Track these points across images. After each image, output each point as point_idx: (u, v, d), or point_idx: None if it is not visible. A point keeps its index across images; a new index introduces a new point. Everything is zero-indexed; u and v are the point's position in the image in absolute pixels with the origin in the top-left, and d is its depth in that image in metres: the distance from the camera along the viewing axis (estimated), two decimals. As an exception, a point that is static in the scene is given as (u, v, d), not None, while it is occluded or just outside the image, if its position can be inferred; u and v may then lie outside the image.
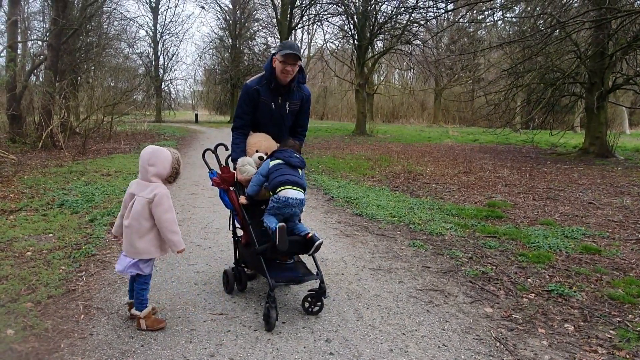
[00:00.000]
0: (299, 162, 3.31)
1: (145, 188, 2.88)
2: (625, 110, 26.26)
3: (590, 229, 5.64)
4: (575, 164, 12.04)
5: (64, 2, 14.17)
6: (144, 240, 2.89)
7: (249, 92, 3.50)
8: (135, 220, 2.86)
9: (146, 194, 2.86)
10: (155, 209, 2.84)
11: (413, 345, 2.86)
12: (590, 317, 3.27)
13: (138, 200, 2.87)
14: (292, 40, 3.43)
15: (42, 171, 8.87)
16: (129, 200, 2.94)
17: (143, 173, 2.91)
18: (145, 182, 2.91)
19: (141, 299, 2.97)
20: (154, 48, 36.26)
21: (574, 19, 12.04)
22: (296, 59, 3.33)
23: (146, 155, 2.91)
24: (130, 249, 2.90)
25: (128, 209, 2.92)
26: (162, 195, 2.86)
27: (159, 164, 2.91)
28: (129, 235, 2.90)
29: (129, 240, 2.90)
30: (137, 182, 2.97)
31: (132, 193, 2.93)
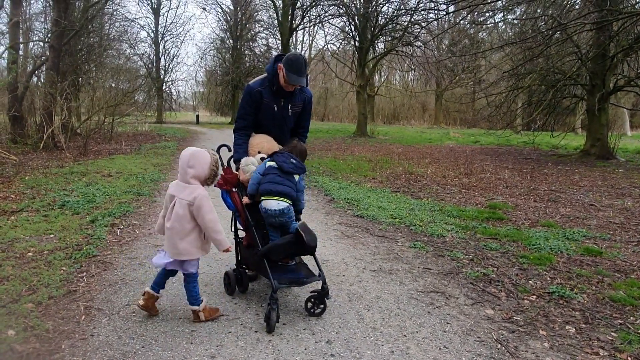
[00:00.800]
0: (292, 168, 3.30)
1: (184, 190, 2.91)
2: (626, 112, 26.27)
3: (591, 230, 5.63)
4: (577, 166, 12.04)
5: (65, 3, 14.18)
6: (185, 242, 2.92)
7: (251, 93, 3.50)
8: (177, 222, 2.90)
9: (186, 196, 2.89)
10: (198, 211, 2.89)
11: (414, 347, 2.86)
12: (591, 319, 3.26)
13: (179, 203, 2.90)
14: (299, 54, 3.36)
15: (43, 172, 8.88)
16: (169, 201, 2.98)
17: (182, 174, 2.93)
18: (185, 183, 2.93)
19: (194, 295, 3.04)
20: (155, 49, 36.34)
21: (575, 21, 12.04)
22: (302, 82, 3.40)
23: (186, 157, 2.93)
24: (173, 250, 2.94)
25: (169, 210, 2.95)
26: (202, 197, 2.90)
27: (198, 165, 2.93)
28: (170, 236, 2.94)
29: (171, 241, 2.94)
30: (176, 183, 3.00)
31: (172, 194, 2.96)
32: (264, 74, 3.58)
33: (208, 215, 2.91)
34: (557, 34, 12.85)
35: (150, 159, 11.62)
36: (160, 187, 8.02)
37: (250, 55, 36.45)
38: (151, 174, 9.12)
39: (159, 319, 3.12)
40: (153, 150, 13.81)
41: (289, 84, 3.37)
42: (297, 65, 3.30)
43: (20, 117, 13.52)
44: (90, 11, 18.83)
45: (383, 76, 40.14)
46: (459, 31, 22.52)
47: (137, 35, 44.46)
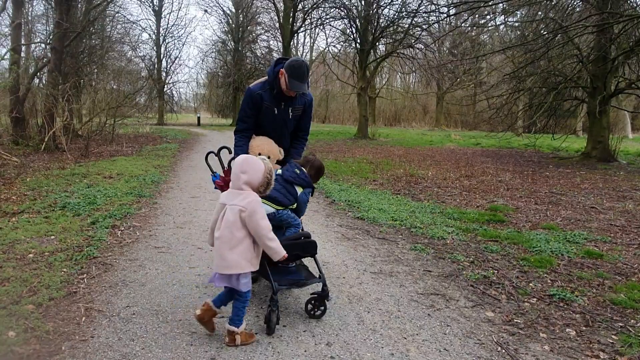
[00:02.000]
0: (293, 177, 3.36)
1: (236, 196, 2.78)
2: (627, 114, 26.23)
3: (592, 233, 5.62)
4: (578, 168, 12.03)
5: (67, 5, 14.23)
6: (234, 252, 2.74)
7: (252, 96, 3.51)
8: (227, 230, 2.74)
9: (238, 202, 2.75)
10: (250, 218, 2.72)
11: (414, 349, 2.85)
12: (592, 322, 3.26)
13: (230, 209, 2.76)
14: (301, 61, 3.34)
15: (44, 173, 8.90)
16: (220, 210, 2.84)
17: (235, 181, 2.81)
18: (237, 190, 2.81)
19: (239, 316, 2.85)
20: (157, 51, 36.40)
21: (576, 24, 12.05)
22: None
23: (239, 163, 2.83)
24: (221, 263, 2.75)
25: (219, 219, 2.82)
26: (255, 202, 2.76)
27: (252, 171, 2.80)
28: (219, 247, 2.77)
29: (220, 253, 2.77)
30: (228, 192, 2.86)
31: (222, 203, 2.83)
32: (264, 77, 3.59)
33: (262, 221, 2.75)
34: (558, 36, 12.86)
35: (151, 161, 11.63)
36: (161, 188, 8.04)
37: (252, 57, 36.52)
38: (152, 175, 9.14)
39: (159, 320, 3.12)
40: (154, 152, 13.83)
41: (291, 90, 3.39)
42: (299, 72, 3.30)
43: (21, 119, 13.56)
44: (92, 13, 18.89)
45: (384, 78, 40.13)
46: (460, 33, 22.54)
47: (138, 37, 44.63)
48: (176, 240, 5.04)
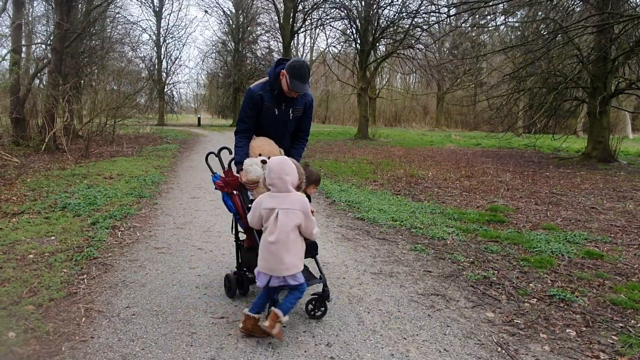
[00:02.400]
0: None
1: (285, 199, 2.81)
2: (628, 114, 26.23)
3: (592, 233, 5.62)
4: (578, 169, 12.02)
5: (68, 6, 14.25)
6: (291, 254, 2.80)
7: (252, 97, 3.51)
8: (284, 234, 2.77)
9: (292, 205, 2.79)
10: (306, 217, 2.83)
11: (414, 350, 2.85)
12: (592, 323, 3.25)
13: (284, 213, 2.78)
14: (302, 62, 3.33)
15: (44, 174, 8.90)
16: (269, 215, 2.82)
17: (279, 184, 2.82)
18: (284, 192, 2.82)
19: (290, 307, 2.90)
20: (157, 52, 36.41)
21: (576, 24, 12.05)
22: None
23: (278, 166, 2.83)
24: (279, 266, 2.78)
25: (271, 224, 2.80)
26: (306, 202, 2.86)
27: (292, 172, 2.85)
28: (277, 251, 2.78)
29: (278, 256, 2.78)
30: (269, 196, 2.86)
31: (271, 207, 2.81)
32: (265, 78, 3.59)
33: (313, 218, 2.87)
34: (559, 37, 12.86)
35: (151, 162, 11.64)
36: (161, 189, 8.04)
37: (252, 58, 36.53)
38: (152, 176, 9.14)
39: (159, 320, 3.12)
40: (154, 153, 13.83)
41: (292, 91, 3.39)
42: (300, 73, 3.30)
43: (22, 119, 13.58)
44: (92, 14, 18.90)
45: (384, 79, 40.14)
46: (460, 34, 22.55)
47: (139, 38, 44.66)
48: (176, 240, 5.04)
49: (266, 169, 2.92)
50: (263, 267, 2.86)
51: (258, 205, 2.89)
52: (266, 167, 2.96)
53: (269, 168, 2.89)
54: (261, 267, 2.87)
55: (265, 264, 2.84)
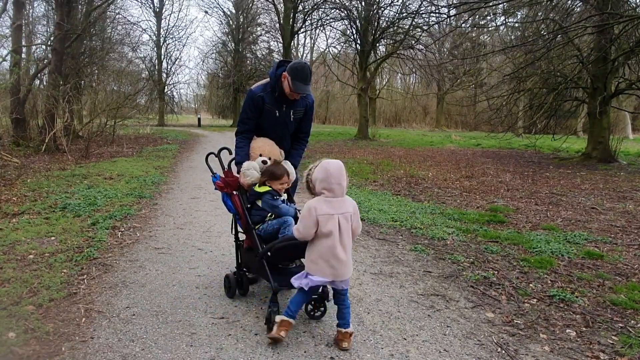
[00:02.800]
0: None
1: (342, 204, 2.79)
2: (628, 115, 26.23)
3: (592, 234, 5.62)
4: (578, 169, 12.02)
5: (68, 6, 14.26)
6: (349, 258, 2.82)
7: (253, 98, 3.50)
8: (348, 239, 2.79)
9: (348, 209, 2.79)
10: (358, 221, 2.86)
11: (414, 350, 2.85)
12: (592, 323, 3.25)
13: (344, 219, 2.77)
14: (304, 63, 3.40)
15: (45, 174, 8.91)
16: (325, 221, 2.72)
17: (338, 190, 2.77)
18: (339, 197, 2.79)
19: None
20: (157, 52, 36.45)
21: (576, 24, 12.05)
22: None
23: (338, 172, 2.78)
24: (345, 270, 2.78)
25: (333, 231, 2.72)
26: (356, 204, 2.88)
27: (345, 176, 2.85)
28: (343, 257, 2.77)
29: (344, 262, 2.77)
30: (323, 202, 2.76)
31: (329, 214, 2.73)
32: (266, 79, 3.58)
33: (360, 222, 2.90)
34: (559, 37, 12.86)
35: (151, 162, 11.64)
36: (161, 189, 8.04)
37: (252, 58, 36.58)
38: (152, 176, 9.14)
39: (159, 321, 3.13)
40: (154, 153, 13.84)
41: (295, 92, 3.37)
42: (302, 74, 3.29)
43: (22, 120, 13.59)
44: (92, 14, 18.90)
45: (384, 79, 40.16)
46: (460, 34, 22.56)
47: (139, 39, 44.43)
48: (176, 241, 5.04)
49: (321, 174, 2.78)
50: (327, 274, 2.76)
51: (312, 212, 2.73)
52: (318, 173, 2.81)
53: (328, 173, 2.76)
54: (329, 275, 2.77)
55: (332, 270, 2.75)
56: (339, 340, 2.86)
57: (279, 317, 2.83)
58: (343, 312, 2.89)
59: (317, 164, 2.86)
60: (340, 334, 2.86)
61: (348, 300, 2.92)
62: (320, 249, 2.77)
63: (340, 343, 2.84)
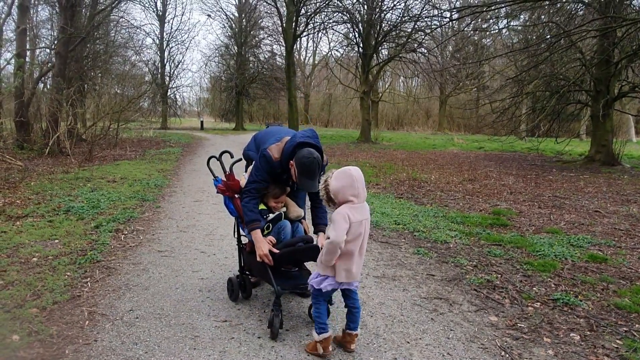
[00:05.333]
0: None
1: (365, 209, 2.79)
2: (631, 118, 26.15)
3: (596, 237, 5.60)
4: (581, 172, 11.99)
5: (72, 10, 14.34)
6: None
7: (271, 164, 3.24)
8: (366, 242, 2.83)
9: (368, 214, 2.81)
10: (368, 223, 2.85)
11: (417, 353, 2.85)
12: (596, 327, 3.24)
13: (369, 222, 2.81)
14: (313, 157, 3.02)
15: (48, 177, 8.94)
16: (357, 227, 2.71)
17: (363, 194, 2.76)
18: (362, 203, 2.79)
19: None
20: (160, 56, 36.59)
21: (579, 28, 12.05)
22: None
23: (361, 177, 2.77)
24: (359, 270, 2.82)
25: (358, 235, 2.73)
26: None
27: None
28: (362, 258, 2.82)
29: (359, 264, 2.80)
30: (352, 208, 2.72)
31: (360, 220, 2.72)
32: (282, 142, 3.27)
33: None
34: (561, 40, 12.86)
35: (154, 165, 11.67)
36: (164, 192, 8.06)
37: (255, 62, 36.67)
38: (155, 179, 9.17)
39: (162, 324, 3.13)
40: (157, 156, 13.87)
41: (300, 187, 3.25)
42: (309, 170, 3.04)
43: (26, 123, 13.65)
44: (96, 18, 19.01)
45: (387, 82, 40.22)
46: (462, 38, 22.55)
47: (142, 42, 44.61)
48: (179, 244, 5.05)
49: (345, 181, 2.73)
50: (346, 277, 2.75)
51: (345, 219, 2.67)
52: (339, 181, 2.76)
53: (353, 179, 2.72)
54: (343, 278, 2.74)
55: (347, 274, 2.75)
56: (348, 342, 2.85)
57: (318, 338, 2.76)
58: (355, 315, 2.87)
59: (330, 174, 2.80)
60: (349, 337, 2.86)
61: (359, 302, 2.91)
62: (345, 254, 2.73)
63: (348, 345, 2.85)
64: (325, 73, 39.78)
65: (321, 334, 2.76)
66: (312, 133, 3.25)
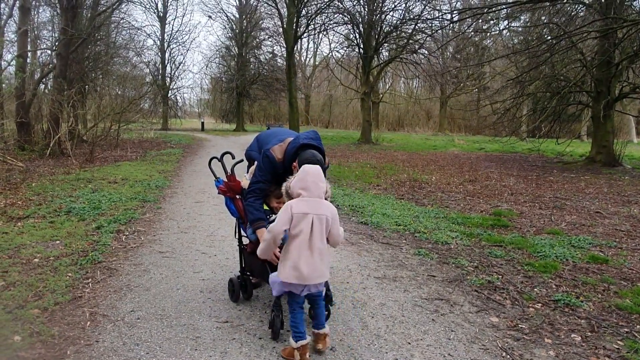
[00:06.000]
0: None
1: (319, 205, 2.75)
2: (632, 119, 26.13)
3: (597, 238, 5.60)
4: (582, 173, 11.98)
5: (73, 12, 14.37)
6: (324, 262, 2.76)
7: (274, 164, 3.28)
8: (320, 241, 2.73)
9: (325, 212, 2.75)
10: (335, 225, 2.80)
11: (418, 354, 2.85)
12: (597, 328, 3.24)
13: (319, 220, 2.72)
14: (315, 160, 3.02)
15: (49, 178, 8.95)
16: (298, 220, 2.70)
17: (315, 189, 2.75)
18: (318, 198, 2.77)
19: (324, 314, 2.90)
20: (161, 57, 36.60)
21: (579, 29, 12.06)
22: None
23: (317, 171, 2.80)
24: (314, 274, 2.70)
25: (305, 231, 2.70)
26: (335, 210, 2.84)
27: (325, 182, 2.85)
28: (314, 260, 2.70)
29: (314, 264, 2.70)
30: (300, 201, 2.74)
31: (305, 212, 2.70)
32: (284, 144, 3.32)
33: (340, 227, 2.85)
34: (562, 41, 12.86)
35: (155, 166, 11.68)
36: (165, 193, 8.07)
37: (255, 63, 36.66)
38: (156, 180, 9.17)
39: (163, 324, 3.13)
40: (158, 157, 13.88)
41: None
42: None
43: (27, 124, 13.67)
44: (97, 20, 19.05)
45: (387, 83, 40.22)
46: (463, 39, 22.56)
47: (143, 43, 44.68)
48: (180, 245, 5.05)
49: (298, 176, 2.80)
50: (296, 278, 2.69)
51: (288, 209, 2.72)
52: (296, 178, 2.82)
53: (305, 171, 2.80)
54: (292, 277, 2.69)
55: (296, 273, 2.68)
56: (314, 342, 2.84)
57: (295, 345, 2.72)
58: (317, 313, 2.87)
59: (295, 175, 2.87)
60: (316, 336, 2.84)
61: (323, 302, 2.89)
62: (289, 250, 2.74)
63: (315, 344, 2.83)
64: (325, 74, 39.79)
65: (298, 341, 2.71)
66: (315, 135, 3.27)
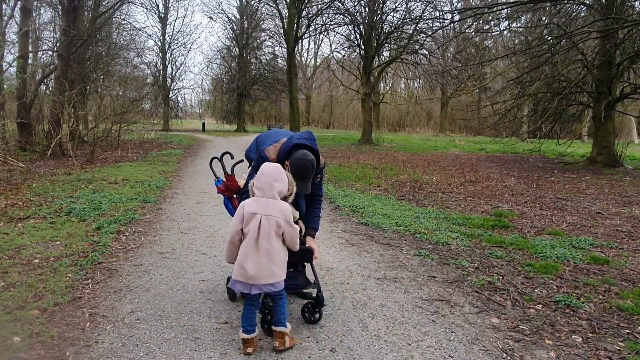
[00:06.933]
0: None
1: (270, 205, 2.73)
2: (633, 119, 26.08)
3: (598, 239, 5.58)
4: (583, 174, 11.96)
5: (74, 13, 14.40)
6: (273, 262, 2.73)
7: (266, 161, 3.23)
8: (266, 241, 2.71)
9: (274, 212, 2.72)
10: (288, 226, 2.77)
11: (418, 355, 2.84)
12: (598, 329, 3.23)
13: (266, 220, 2.71)
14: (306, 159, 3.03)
15: (50, 179, 8.95)
16: (248, 219, 2.73)
17: (268, 189, 2.76)
18: (269, 199, 2.76)
19: (284, 314, 2.86)
20: (162, 57, 36.64)
21: (580, 29, 12.04)
22: None
23: (272, 171, 2.79)
24: (260, 273, 2.69)
25: (253, 231, 2.71)
26: (290, 211, 2.80)
27: (283, 180, 2.81)
28: (260, 258, 2.70)
29: (260, 264, 2.70)
30: (254, 200, 2.77)
31: (253, 212, 2.72)
32: (278, 144, 3.31)
33: (295, 228, 2.81)
34: (563, 42, 12.85)
35: (156, 167, 11.69)
36: (165, 194, 8.07)
37: (256, 64, 36.68)
38: (157, 181, 9.18)
39: (163, 325, 3.13)
40: (159, 158, 13.89)
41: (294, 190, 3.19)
42: (301, 173, 3.04)
43: (28, 125, 13.68)
44: (98, 20, 19.06)
45: (388, 84, 40.22)
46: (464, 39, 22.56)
47: (144, 44, 44.91)
48: (180, 245, 5.05)
49: (258, 174, 2.84)
50: (242, 276, 2.72)
51: (240, 209, 2.78)
52: (258, 172, 2.86)
53: (260, 171, 2.82)
54: (238, 275, 2.73)
55: (242, 272, 2.71)
56: (274, 339, 2.85)
57: (241, 335, 2.81)
58: (274, 311, 2.88)
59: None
60: (274, 333, 2.85)
61: (281, 301, 2.87)
62: (243, 249, 2.75)
63: (274, 342, 2.83)
64: (326, 75, 39.82)
65: (242, 333, 2.81)
66: (309, 135, 3.27)
